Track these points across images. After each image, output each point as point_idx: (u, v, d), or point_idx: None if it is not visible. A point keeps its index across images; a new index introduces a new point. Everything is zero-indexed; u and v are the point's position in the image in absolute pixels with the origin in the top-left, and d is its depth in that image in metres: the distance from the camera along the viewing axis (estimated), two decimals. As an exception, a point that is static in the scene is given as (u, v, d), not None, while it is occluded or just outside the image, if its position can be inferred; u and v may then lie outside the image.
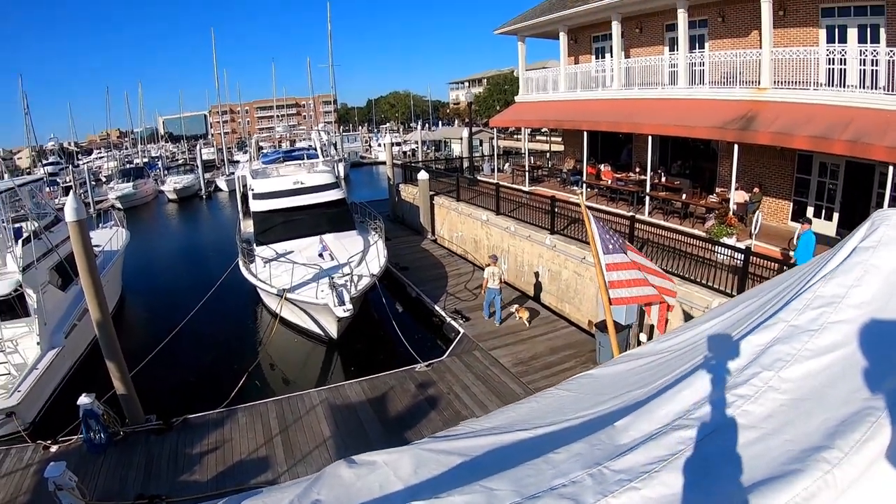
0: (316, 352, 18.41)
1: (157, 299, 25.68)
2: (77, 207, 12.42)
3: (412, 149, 73.44)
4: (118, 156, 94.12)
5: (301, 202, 21.78)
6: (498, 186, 22.82)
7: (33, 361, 15.48)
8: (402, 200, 32.12)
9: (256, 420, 13.10)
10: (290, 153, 32.64)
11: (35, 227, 18.53)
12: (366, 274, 17.80)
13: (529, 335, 16.34)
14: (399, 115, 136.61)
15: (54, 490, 9.98)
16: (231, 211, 46.57)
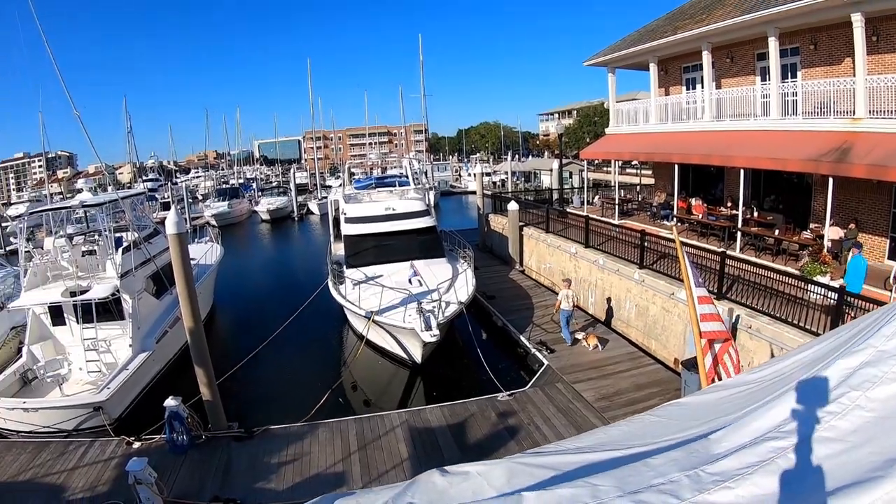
0: (399, 375, 18.92)
1: (245, 313, 27.42)
2: (178, 221, 13.80)
3: (502, 179, 74.57)
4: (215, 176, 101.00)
5: (392, 228, 22.75)
6: (587, 219, 22.92)
7: (124, 362, 17.07)
8: (492, 230, 32.79)
9: (336, 436, 13.72)
10: (382, 180, 34.05)
11: (135, 238, 20.38)
12: (453, 301, 18.27)
13: (614, 370, 16.33)
14: (489, 146, 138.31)
15: (134, 483, 10.90)
16: (322, 233, 48.88)
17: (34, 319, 18.75)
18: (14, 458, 13.82)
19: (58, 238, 21.19)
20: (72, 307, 18.22)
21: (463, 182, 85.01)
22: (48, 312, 18.84)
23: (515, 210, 27.88)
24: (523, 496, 2.78)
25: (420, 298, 17.57)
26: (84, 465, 13.28)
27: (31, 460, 13.67)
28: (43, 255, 20.12)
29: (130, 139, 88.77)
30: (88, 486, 12.39)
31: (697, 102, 23.63)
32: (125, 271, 18.74)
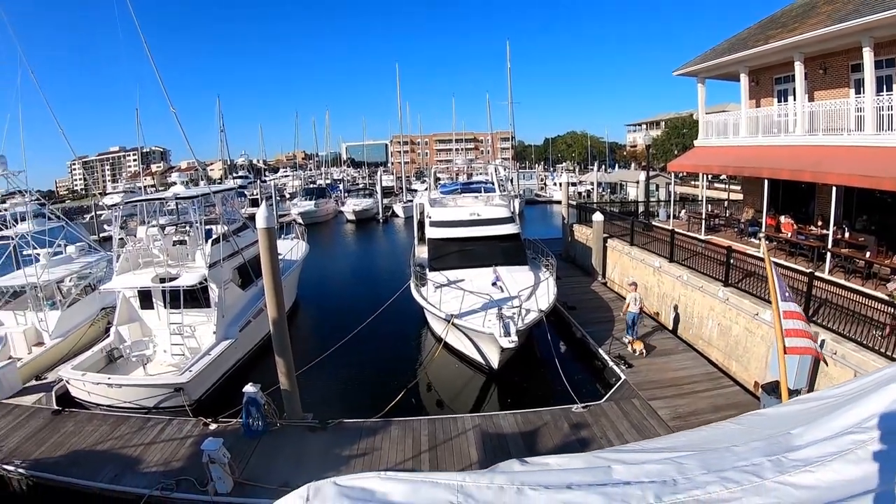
0: (474, 379, 19.18)
1: (327, 309, 28.65)
2: (268, 216, 14.60)
3: (587, 190, 73.87)
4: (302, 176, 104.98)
5: (476, 233, 23.21)
6: (673, 233, 22.64)
7: (207, 347, 18.28)
8: (576, 241, 32.81)
9: (408, 434, 14.08)
10: (468, 185, 34.39)
11: (224, 231, 21.59)
12: (534, 309, 18.40)
13: (692, 390, 16.09)
14: (575, 155, 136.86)
15: (207, 462, 11.69)
16: (405, 236, 50.03)
17: (124, 302, 20.45)
18: (94, 429, 15.17)
19: (151, 227, 22.80)
20: (160, 292, 19.68)
21: (548, 191, 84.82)
22: (137, 296, 20.54)
23: (600, 221, 27.77)
24: (612, 468, 2.97)
25: (500, 304, 17.78)
26: (160, 441, 14.33)
27: (110, 432, 14.93)
28: (136, 243, 21.71)
29: (222, 137, 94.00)
30: (163, 461, 13.36)
31: (789, 115, 22.77)
32: (213, 262, 19.97)
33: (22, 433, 15.26)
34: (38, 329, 21.15)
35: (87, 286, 23.67)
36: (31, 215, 24.70)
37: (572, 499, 2.74)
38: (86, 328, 21.91)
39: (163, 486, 12.11)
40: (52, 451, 14.26)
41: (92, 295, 23.38)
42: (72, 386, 17.36)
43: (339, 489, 2.82)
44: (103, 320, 22.84)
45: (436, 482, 2.89)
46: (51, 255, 23.37)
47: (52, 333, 20.86)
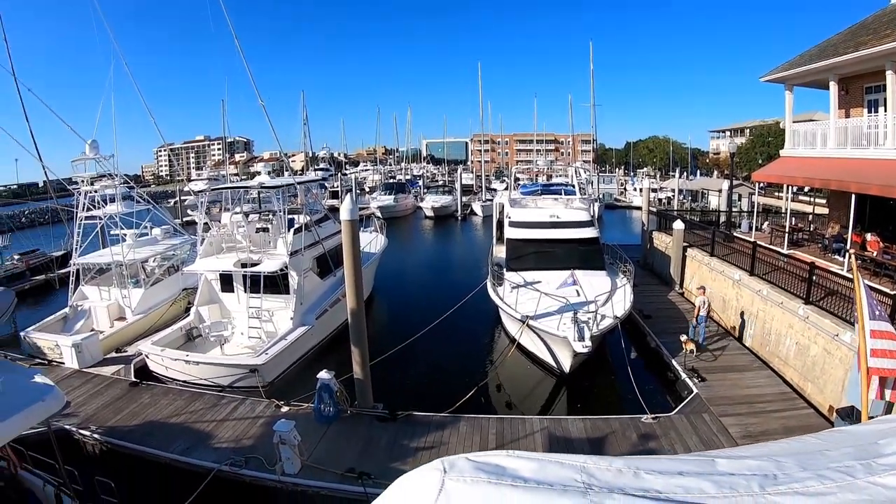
0: (545, 382, 19.07)
1: (402, 303, 29.07)
2: (352, 209, 14.97)
3: (668, 196, 71.94)
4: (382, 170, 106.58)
5: (555, 235, 23.19)
6: (754, 245, 21.92)
7: (284, 332, 18.92)
8: (654, 248, 32.17)
9: (476, 432, 14.14)
10: (549, 187, 34.47)
11: (306, 221, 22.23)
12: (609, 315, 18.25)
13: (764, 409, 15.59)
14: (657, 161, 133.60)
15: (278, 442, 12.07)
16: (483, 235, 50.03)
17: (205, 284, 21.45)
18: (169, 402, 16.05)
19: (235, 214, 23.63)
20: (241, 277, 20.43)
21: (628, 196, 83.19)
22: (219, 279, 21.48)
23: (681, 229, 27.11)
24: (716, 461, 3.16)
25: (576, 308, 17.53)
26: (233, 419, 14.95)
27: (185, 406, 15.74)
28: (220, 228, 22.71)
29: (306, 130, 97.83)
30: (234, 438, 13.95)
31: (879, 127, 21.60)
32: (294, 250, 20.68)
33: (100, 401, 16.24)
34: (122, 305, 22.50)
35: (171, 267, 24.97)
36: (120, 198, 26.12)
37: (686, 483, 2.97)
38: (167, 307, 23.11)
39: (232, 461, 12.55)
40: (127, 420, 15.11)
41: (174, 276, 24.64)
42: (150, 360, 18.37)
43: (473, 464, 2.99)
44: (184, 300, 24.05)
45: (561, 462, 3.13)
46: (137, 236, 24.75)
47: (135, 310, 22.13)
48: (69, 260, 27.83)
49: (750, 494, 2.83)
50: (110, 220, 24.37)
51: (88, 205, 24.48)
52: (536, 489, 2.89)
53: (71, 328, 21.70)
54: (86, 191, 24.66)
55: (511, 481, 2.88)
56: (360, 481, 11.73)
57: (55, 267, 35.19)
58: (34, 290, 34.17)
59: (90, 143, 24.54)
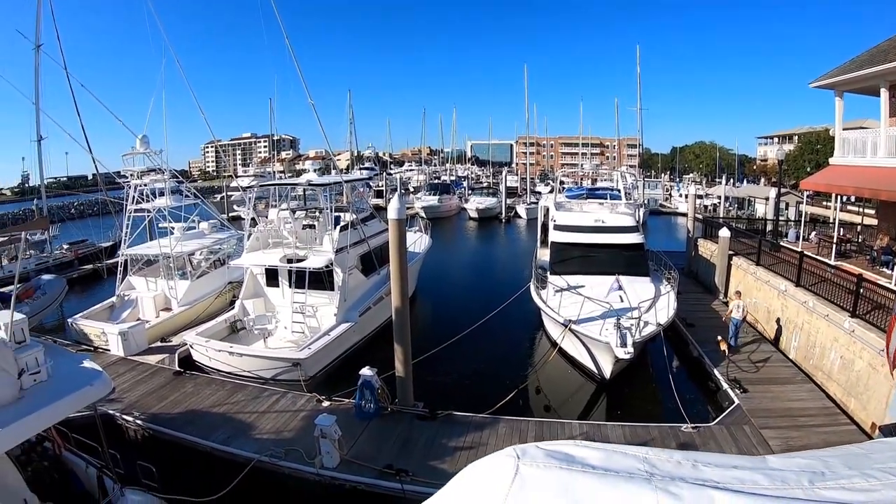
0: (585, 387, 18.94)
1: (444, 303, 29.17)
2: (399, 208, 15.09)
3: (714, 203, 70.82)
4: (427, 171, 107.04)
5: (600, 240, 23.07)
6: (801, 255, 21.39)
7: (327, 328, 19.20)
8: (699, 256, 31.68)
9: (515, 434, 14.06)
10: (594, 191, 34.22)
11: (352, 219, 22.48)
12: (652, 322, 18.06)
13: (806, 423, 15.25)
14: (703, 167, 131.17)
15: (319, 436, 12.21)
16: (526, 238, 50.02)
17: (251, 278, 21.95)
18: (212, 392, 16.43)
19: (282, 210, 23.98)
20: (287, 272, 20.92)
21: (673, 202, 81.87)
22: (264, 274, 21.94)
23: (726, 237, 26.60)
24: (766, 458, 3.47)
25: (619, 314, 17.47)
26: (274, 411, 15.21)
27: (227, 397, 16.07)
28: (267, 224, 23.10)
29: (351, 129, 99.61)
30: (274, 430, 14.17)
31: None
32: (340, 248, 20.95)
33: (144, 388, 16.72)
34: (168, 296, 23.11)
35: (217, 261, 25.55)
36: (169, 192, 26.81)
37: (740, 475, 3.20)
38: (212, 299, 23.59)
39: (272, 453, 12.71)
40: (170, 407, 15.49)
41: (220, 269, 25.22)
42: (195, 350, 18.79)
43: (544, 451, 3.41)
44: (229, 293, 24.50)
45: (625, 453, 3.53)
46: (184, 230, 25.36)
47: (180, 301, 22.70)
48: (117, 251, 28.66)
49: (800, 488, 3.04)
50: (159, 214, 25.15)
51: (138, 198, 25.13)
52: (605, 475, 3.19)
53: (117, 317, 22.34)
54: (136, 184, 25.32)
55: (581, 468, 3.22)
56: (398, 478, 11.75)
57: (104, 257, 36.20)
58: (82, 279, 35.19)
59: (141, 138, 25.28)
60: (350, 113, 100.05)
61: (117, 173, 33.14)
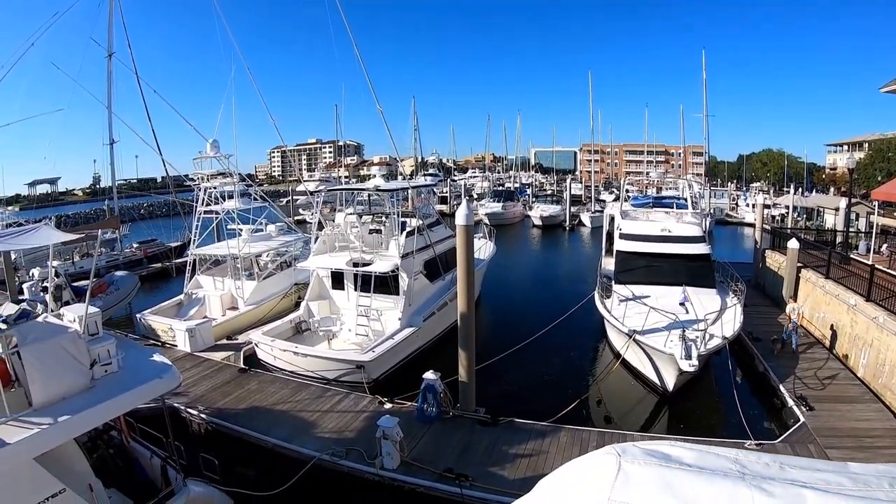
0: (647, 399, 18.60)
1: (507, 310, 29.03)
2: (467, 214, 15.15)
3: (781, 213, 68.39)
4: (491, 177, 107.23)
5: (666, 250, 22.78)
6: (872, 269, 20.41)
7: (391, 332, 19.38)
8: (767, 268, 30.70)
9: (576, 444, 13.83)
10: (660, 200, 33.86)
11: (419, 224, 22.64)
12: (718, 335, 17.66)
13: (872, 444, 14.56)
14: (770, 175, 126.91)
15: (380, 437, 12.26)
16: (591, 246, 49.46)
17: (317, 280, 22.39)
18: (276, 390, 16.80)
19: (349, 214, 24.33)
20: (353, 276, 21.18)
21: (740, 212, 79.40)
22: (330, 276, 22.27)
23: (795, 249, 25.60)
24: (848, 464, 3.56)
25: (685, 326, 17.07)
26: (336, 411, 15.41)
27: (290, 395, 16.40)
28: (334, 227, 23.43)
29: (416, 136, 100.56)
30: (336, 429, 14.37)
31: None
32: (406, 252, 21.11)
33: (209, 384, 17.24)
34: (234, 295, 23.71)
35: (283, 262, 26.12)
36: (238, 194, 27.58)
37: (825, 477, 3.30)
38: (277, 300, 24.18)
39: (333, 452, 12.86)
40: (234, 403, 15.91)
41: (287, 271, 25.80)
42: (260, 349, 19.29)
43: (643, 450, 3.61)
44: (294, 294, 25.02)
45: (717, 454, 3.71)
46: (252, 232, 26.01)
47: (247, 301, 23.30)
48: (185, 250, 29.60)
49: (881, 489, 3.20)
50: (228, 216, 25.84)
51: (208, 200, 25.90)
52: (701, 473, 3.40)
53: (185, 314, 23.05)
54: (206, 187, 26.10)
55: (678, 465, 3.44)
56: (458, 482, 11.72)
57: (172, 256, 37.42)
58: (150, 277, 36.40)
59: (211, 143, 26.11)
60: (414, 119, 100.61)
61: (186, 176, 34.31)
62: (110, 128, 39.32)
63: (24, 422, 7.88)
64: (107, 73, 38.11)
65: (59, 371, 8.57)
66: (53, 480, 8.12)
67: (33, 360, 8.26)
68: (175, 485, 10.37)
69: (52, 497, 8.05)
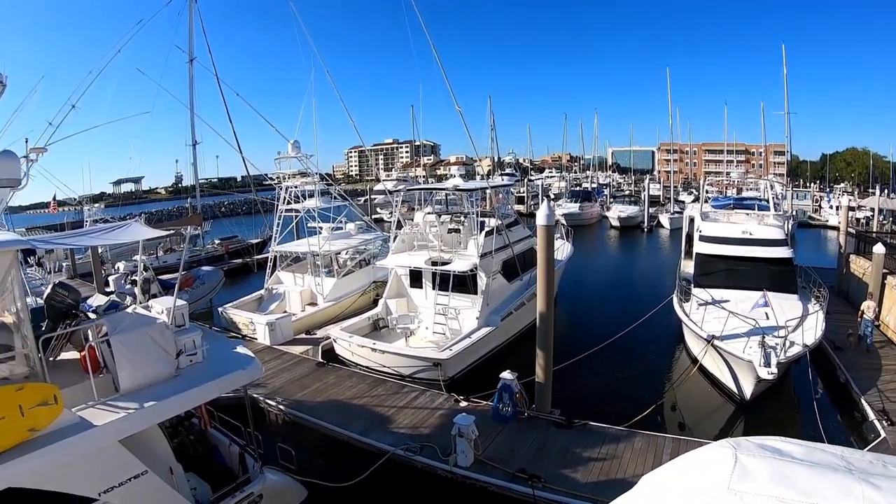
0: (724, 408, 18.00)
1: (584, 311, 28.74)
2: (548, 214, 15.02)
3: (867, 216, 64.67)
4: (567, 177, 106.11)
5: (747, 253, 22.04)
6: None
7: (468, 331, 19.37)
8: (851, 273, 29.07)
9: (650, 449, 13.45)
10: (741, 201, 32.94)
11: (497, 224, 22.65)
12: (798, 342, 16.88)
13: None
14: (855, 176, 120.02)
15: (456, 435, 12.24)
16: (669, 249, 48.17)
17: (395, 278, 22.61)
18: (353, 385, 17.10)
19: (428, 214, 24.55)
20: (431, 274, 21.36)
21: (823, 214, 75.36)
22: (409, 275, 22.45)
23: (881, 254, 24.06)
24: None
25: (765, 332, 16.45)
26: (412, 407, 15.50)
27: (367, 390, 16.65)
28: (413, 226, 23.68)
29: (492, 135, 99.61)
30: (411, 425, 14.47)
31: None
32: (485, 252, 21.11)
33: (287, 376, 17.66)
34: (314, 291, 24.24)
35: (362, 260, 26.51)
36: (319, 193, 28.20)
37: None
38: (356, 297, 24.54)
39: (407, 447, 12.95)
40: (311, 396, 16.24)
41: (366, 268, 26.19)
42: (338, 344, 19.65)
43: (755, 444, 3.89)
44: (372, 292, 25.35)
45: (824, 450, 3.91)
46: (332, 230, 26.43)
47: (326, 297, 23.76)
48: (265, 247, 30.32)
49: None
50: (308, 214, 26.36)
51: (289, 198, 26.45)
52: (812, 466, 3.64)
53: (265, 308, 23.70)
54: (287, 186, 26.68)
55: (790, 459, 3.70)
56: (530, 483, 11.59)
57: (254, 252, 38.47)
58: (231, 272, 37.29)
59: (292, 143, 26.75)
60: (491, 118, 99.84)
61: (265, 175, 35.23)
62: (193, 129, 40.76)
63: (112, 406, 8.21)
64: (189, 78, 39.54)
65: (147, 359, 8.89)
66: (137, 462, 8.44)
67: (122, 348, 8.59)
68: (252, 472, 10.71)
69: (134, 478, 8.38)
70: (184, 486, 9.65)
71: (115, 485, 8.16)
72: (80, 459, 7.76)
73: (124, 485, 8.26)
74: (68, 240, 11.30)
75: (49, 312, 9.61)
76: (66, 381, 8.20)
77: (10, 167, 8.81)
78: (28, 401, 7.26)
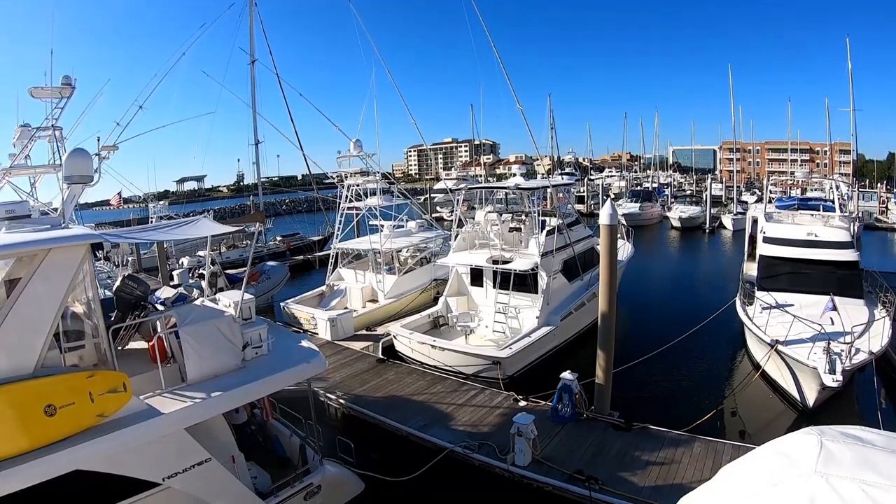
0: (785, 416, 17.37)
1: (643, 312, 28.10)
2: (611, 214, 14.91)
3: None
4: (628, 177, 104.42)
5: (811, 255, 21.34)
6: None
7: (528, 330, 19.21)
8: None
9: (709, 455, 13.02)
10: (806, 202, 31.92)
11: (558, 223, 22.36)
12: (864, 349, 16.13)
13: None
14: None
15: (515, 434, 12.11)
16: (732, 251, 47.10)
17: (455, 276, 22.63)
18: (413, 381, 17.13)
19: (489, 213, 24.45)
20: (492, 273, 21.23)
21: (890, 216, 71.90)
22: (469, 273, 22.45)
23: None
24: None
25: (830, 338, 15.72)
26: (471, 405, 15.40)
27: (427, 387, 16.63)
28: (474, 225, 23.66)
29: (552, 134, 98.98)
30: (470, 423, 14.37)
31: None
32: (545, 251, 20.89)
33: (348, 371, 17.84)
34: (375, 288, 24.46)
35: (423, 258, 26.65)
36: (380, 192, 28.37)
37: None
38: (416, 294, 24.64)
39: (465, 444, 12.87)
40: (371, 391, 16.35)
41: (426, 266, 26.25)
42: (398, 341, 19.74)
43: (838, 432, 4.02)
44: (433, 290, 25.41)
45: None
46: (393, 228, 26.59)
47: (387, 294, 23.91)
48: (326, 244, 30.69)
49: None
50: (369, 212, 26.59)
51: (351, 196, 26.75)
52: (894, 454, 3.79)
53: (326, 304, 23.98)
54: (349, 184, 26.92)
55: (872, 446, 3.85)
56: (587, 484, 11.38)
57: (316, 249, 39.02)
58: (292, 269, 37.79)
59: (354, 142, 27.09)
60: (550, 118, 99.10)
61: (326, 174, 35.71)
62: (255, 128, 41.76)
63: (178, 395, 8.45)
64: (250, 79, 40.55)
65: (214, 351, 9.12)
66: (200, 450, 8.66)
67: (191, 339, 8.82)
68: (312, 464, 10.91)
69: (198, 464, 8.62)
70: (245, 474, 9.86)
71: (178, 471, 8.39)
72: (146, 445, 8.01)
73: (188, 471, 8.49)
74: (138, 234, 11.59)
75: (118, 304, 10.00)
76: (135, 370, 8.45)
77: (83, 164, 9.06)
78: (98, 388, 7.51)
